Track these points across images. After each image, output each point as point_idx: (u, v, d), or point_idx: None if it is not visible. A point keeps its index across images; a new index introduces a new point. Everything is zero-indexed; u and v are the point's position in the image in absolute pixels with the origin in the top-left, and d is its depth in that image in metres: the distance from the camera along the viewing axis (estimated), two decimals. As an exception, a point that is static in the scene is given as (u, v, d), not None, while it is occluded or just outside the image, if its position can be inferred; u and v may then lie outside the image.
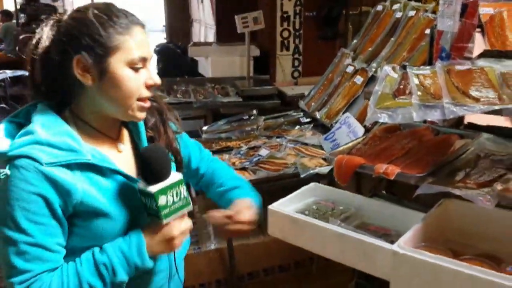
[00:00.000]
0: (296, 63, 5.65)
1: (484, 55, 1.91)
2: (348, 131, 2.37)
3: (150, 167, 1.09)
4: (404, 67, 1.84)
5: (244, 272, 2.50)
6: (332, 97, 2.87)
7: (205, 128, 3.00)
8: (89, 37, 1.07)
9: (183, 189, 1.11)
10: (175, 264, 1.28)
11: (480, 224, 1.55)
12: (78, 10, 1.12)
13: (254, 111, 3.31)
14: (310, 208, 1.88)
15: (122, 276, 1.09)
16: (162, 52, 5.33)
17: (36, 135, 1.06)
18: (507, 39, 2.22)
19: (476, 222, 1.56)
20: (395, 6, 2.98)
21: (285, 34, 5.53)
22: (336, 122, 2.58)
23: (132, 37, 1.10)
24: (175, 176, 1.12)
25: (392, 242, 1.42)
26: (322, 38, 5.56)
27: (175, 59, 5.24)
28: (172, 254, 1.26)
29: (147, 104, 1.15)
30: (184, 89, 4.30)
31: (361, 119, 2.43)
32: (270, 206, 1.68)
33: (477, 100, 1.51)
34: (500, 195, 1.40)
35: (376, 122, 2.22)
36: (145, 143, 1.25)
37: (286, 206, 1.75)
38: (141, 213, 1.16)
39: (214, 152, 2.51)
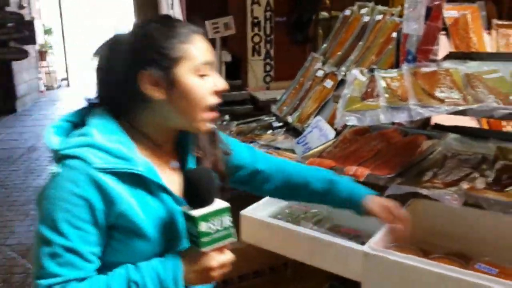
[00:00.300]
0: (268, 68, 5.67)
1: (449, 57, 1.95)
2: (319, 134, 2.38)
3: (195, 190, 1.04)
4: (371, 70, 1.87)
5: (218, 280, 2.47)
6: (303, 101, 2.88)
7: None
8: (153, 51, 1.06)
9: (227, 218, 1.04)
10: None
11: (448, 223, 1.58)
12: (138, 26, 1.11)
13: (227, 117, 3.29)
14: (283, 212, 1.88)
15: None
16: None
17: (91, 138, 1.04)
18: (471, 41, 2.28)
19: (444, 221, 1.58)
20: (363, 11, 3.01)
21: (256, 39, 5.55)
22: (307, 126, 2.59)
23: (194, 45, 1.08)
24: (220, 203, 1.05)
25: (363, 243, 1.43)
26: (293, 42, 5.60)
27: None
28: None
29: (216, 113, 1.13)
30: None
31: (332, 122, 2.45)
32: (242, 212, 1.67)
33: (442, 101, 1.54)
34: (466, 194, 1.43)
35: (346, 125, 2.25)
36: (191, 162, 1.20)
37: (259, 211, 1.75)
38: (183, 237, 1.12)
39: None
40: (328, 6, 5.56)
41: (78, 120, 1.14)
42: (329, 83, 2.79)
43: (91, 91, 1.17)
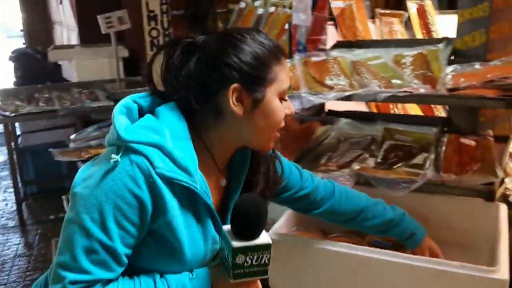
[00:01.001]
0: (169, 62, 5.58)
1: (337, 46, 2.06)
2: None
3: (244, 222, 0.96)
4: (266, 61, 1.91)
5: None
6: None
7: (72, 136, 2.82)
8: (247, 65, 0.99)
9: (266, 256, 0.97)
10: None
11: (345, 202, 1.67)
12: (231, 36, 1.02)
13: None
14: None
15: None
16: (19, 58, 4.89)
17: (163, 140, 0.96)
18: (357, 30, 2.42)
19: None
20: (257, 3, 3.08)
21: (154, 33, 5.43)
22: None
23: (283, 68, 1.04)
24: (264, 239, 0.98)
25: (268, 231, 1.47)
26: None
27: (34, 65, 4.83)
28: None
29: (278, 135, 1.08)
30: (47, 97, 4.00)
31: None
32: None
33: (331, 88, 1.62)
34: (357, 174, 1.52)
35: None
36: (240, 186, 1.12)
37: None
38: (213, 254, 1.07)
39: (84, 161, 2.40)
40: (225, -1, 5.60)
41: (147, 105, 1.06)
42: (228, 76, 2.82)
43: None
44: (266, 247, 0.97)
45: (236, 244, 0.94)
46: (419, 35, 2.59)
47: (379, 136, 1.77)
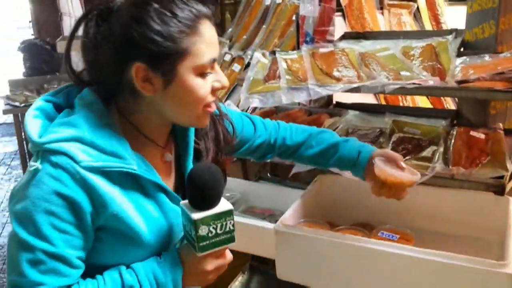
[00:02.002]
0: (177, 54, 5.58)
1: (344, 37, 2.04)
2: (229, 118, 2.41)
3: (198, 191, 0.92)
4: (273, 53, 1.91)
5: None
6: (212, 86, 2.89)
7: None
8: (151, 41, 0.89)
9: (230, 222, 0.94)
10: None
11: (352, 195, 1.66)
12: (134, 4, 0.91)
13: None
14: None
15: None
16: (28, 49, 4.92)
17: (80, 131, 0.90)
18: (366, 21, 2.40)
19: (349, 194, 1.67)
20: (264, -6, 3.06)
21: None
22: (218, 111, 2.61)
23: (201, 37, 0.91)
24: (224, 205, 0.94)
25: (276, 222, 1.48)
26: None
27: (44, 56, 4.85)
28: None
29: (213, 108, 0.99)
30: (56, 87, 4.04)
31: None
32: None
33: (339, 79, 1.61)
34: (365, 166, 1.51)
35: (255, 108, 2.28)
36: (190, 156, 1.08)
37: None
38: (178, 233, 1.03)
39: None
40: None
41: (62, 101, 0.99)
42: (237, 67, 2.82)
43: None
44: (228, 213, 0.94)
45: (195, 215, 0.91)
46: (428, 26, 2.56)
47: (387, 129, 1.75)
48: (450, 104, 2.38)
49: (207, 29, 0.93)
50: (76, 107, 0.95)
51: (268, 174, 2.16)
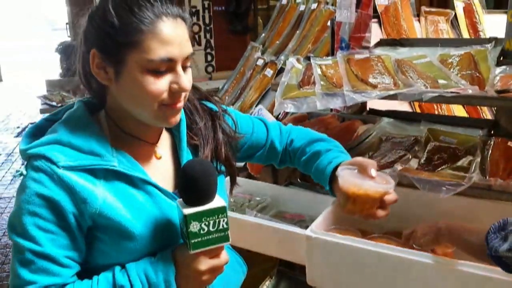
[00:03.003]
0: (209, 58, 5.64)
1: (380, 43, 2.03)
2: (261, 123, 2.41)
3: (190, 186, 0.92)
4: (308, 58, 1.91)
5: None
6: (245, 90, 2.91)
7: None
8: (103, 30, 0.92)
9: (223, 220, 0.93)
10: None
11: (385, 203, 1.65)
12: None
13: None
14: (228, 201, 1.89)
15: None
16: (65, 51, 5.06)
17: (58, 135, 0.95)
18: (402, 28, 2.38)
19: (381, 202, 1.65)
20: (298, 0, 3.07)
21: (196, 29, 5.50)
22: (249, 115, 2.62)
23: (155, 34, 0.91)
24: (217, 202, 0.94)
25: (306, 228, 1.47)
26: (233, 32, 5.60)
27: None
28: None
29: (178, 106, 0.98)
30: (91, 89, 4.15)
31: (273, 110, 2.49)
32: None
33: (374, 86, 1.60)
34: (400, 174, 1.49)
35: (287, 113, 2.29)
36: (185, 152, 1.08)
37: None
38: (177, 235, 1.01)
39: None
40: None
41: (59, 117, 1.04)
42: (269, 72, 2.83)
43: (25, 85, 1.10)
44: (220, 210, 0.92)
45: (186, 211, 0.91)
46: (465, 34, 2.52)
47: (422, 137, 1.73)
48: (486, 113, 2.33)
49: (167, 28, 0.93)
50: (62, 116, 1.01)
51: (298, 180, 2.16)
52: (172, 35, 0.93)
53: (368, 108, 2.05)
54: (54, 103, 3.88)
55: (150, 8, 0.92)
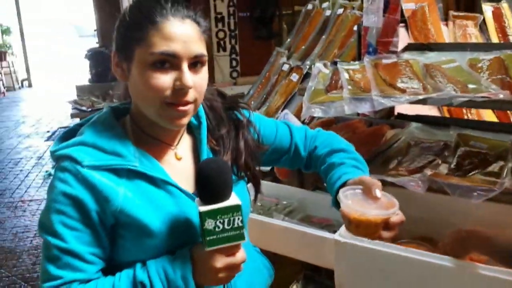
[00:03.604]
0: (234, 63, 5.69)
1: (408, 48, 2.02)
2: (287, 127, 2.42)
3: (205, 184, 0.95)
4: (335, 63, 1.91)
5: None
6: (270, 95, 2.92)
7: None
8: (119, 31, 1.00)
9: (238, 218, 0.94)
10: None
11: (414, 208, 1.62)
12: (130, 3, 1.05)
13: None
14: (255, 205, 1.91)
15: None
16: (94, 57, 5.19)
17: (84, 136, 1.01)
18: (429, 32, 2.36)
19: (410, 207, 1.63)
20: (324, 5, 3.07)
21: (221, 34, 5.56)
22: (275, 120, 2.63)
23: (159, 31, 0.95)
24: (232, 200, 0.95)
25: (334, 232, 1.47)
26: (258, 38, 5.64)
27: (108, 64, 5.08)
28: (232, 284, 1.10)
29: (182, 109, 0.99)
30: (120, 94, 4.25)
31: (299, 115, 2.49)
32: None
33: (403, 91, 1.59)
34: (430, 179, 1.49)
35: (313, 117, 2.29)
36: (205, 154, 1.10)
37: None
38: (196, 232, 1.03)
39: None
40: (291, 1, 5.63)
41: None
42: (295, 77, 2.83)
43: (54, 90, 1.16)
44: (235, 209, 0.94)
45: (202, 208, 0.93)
46: (494, 38, 2.47)
47: (452, 142, 1.71)
48: (517, 118, 2.29)
49: (171, 26, 0.96)
50: (90, 119, 1.07)
51: (325, 184, 2.16)
52: (175, 32, 0.96)
53: (396, 113, 2.04)
54: (84, 108, 3.97)
55: (159, 8, 0.97)
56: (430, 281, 1.27)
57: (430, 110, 2.17)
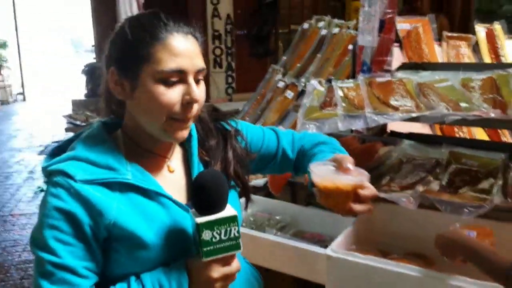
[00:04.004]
0: (230, 79, 5.74)
1: (402, 67, 2.05)
2: (281, 144, 2.44)
3: (202, 195, 0.96)
4: (329, 81, 1.94)
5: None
6: (265, 112, 2.94)
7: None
8: (120, 48, 1.00)
9: (234, 228, 0.96)
10: None
11: (405, 225, 1.65)
12: (125, 19, 1.04)
13: (189, 128, 3.32)
14: (247, 219, 1.91)
15: None
16: (90, 72, 5.22)
17: (76, 151, 1.01)
18: (423, 52, 2.40)
19: (401, 223, 1.65)
20: (320, 24, 3.12)
21: (218, 52, 5.62)
22: (269, 136, 2.65)
23: (165, 46, 0.97)
24: (228, 211, 0.97)
25: (326, 247, 1.48)
26: (254, 55, 5.70)
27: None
28: None
29: (186, 124, 1.02)
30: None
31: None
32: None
33: (396, 109, 1.62)
34: (421, 196, 1.50)
35: (307, 134, 2.31)
36: (196, 166, 1.12)
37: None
38: (190, 243, 1.04)
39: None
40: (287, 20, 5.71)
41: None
42: (290, 94, 2.86)
43: (48, 105, 1.15)
44: (232, 219, 0.96)
45: (199, 219, 0.94)
46: (487, 59, 2.52)
47: (444, 160, 1.73)
48: (507, 137, 2.32)
49: (177, 42, 0.98)
50: (80, 135, 1.07)
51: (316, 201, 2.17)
52: (182, 48, 0.98)
53: (389, 130, 2.06)
54: (78, 122, 3.98)
55: (163, 25, 0.99)
56: (421, 297, 1.27)
57: (422, 128, 2.20)
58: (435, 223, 1.58)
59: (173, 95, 0.98)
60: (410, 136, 1.97)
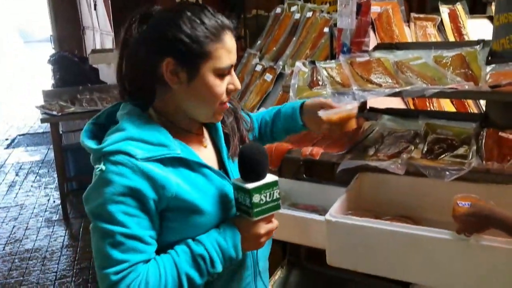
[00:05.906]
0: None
1: (377, 47, 2.21)
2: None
3: (250, 166, 1.10)
4: (313, 62, 2.07)
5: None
6: (245, 95, 3.05)
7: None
8: (181, 41, 1.06)
9: (276, 191, 1.12)
10: (257, 263, 1.28)
11: (391, 191, 1.81)
12: (170, 10, 1.11)
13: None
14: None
15: (218, 267, 1.10)
16: (58, 61, 5.14)
17: (128, 132, 1.08)
18: (394, 33, 2.57)
19: (388, 190, 1.82)
20: (293, 8, 3.23)
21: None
22: (251, 118, 2.76)
23: (223, 45, 1.09)
24: (271, 177, 1.12)
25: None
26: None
27: (73, 68, 5.06)
28: (255, 252, 1.26)
29: (226, 106, 1.18)
30: (89, 98, 4.26)
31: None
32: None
33: (380, 85, 1.77)
34: (407, 163, 1.66)
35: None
36: (222, 140, 1.26)
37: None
38: (231, 207, 1.17)
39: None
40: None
41: (105, 122, 1.19)
42: (268, 77, 2.98)
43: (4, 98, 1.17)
44: (274, 184, 1.12)
45: (249, 185, 1.09)
46: (451, 38, 2.71)
47: (421, 131, 1.91)
48: (473, 108, 2.53)
49: (229, 39, 1.11)
50: (119, 119, 1.13)
51: (304, 175, 2.31)
52: (233, 45, 1.13)
53: (368, 107, 2.22)
54: (54, 113, 3.95)
55: (216, 21, 1.10)
56: (415, 251, 1.43)
57: (398, 104, 2.37)
58: (419, 189, 1.76)
59: (223, 85, 1.13)
60: (389, 111, 2.14)
